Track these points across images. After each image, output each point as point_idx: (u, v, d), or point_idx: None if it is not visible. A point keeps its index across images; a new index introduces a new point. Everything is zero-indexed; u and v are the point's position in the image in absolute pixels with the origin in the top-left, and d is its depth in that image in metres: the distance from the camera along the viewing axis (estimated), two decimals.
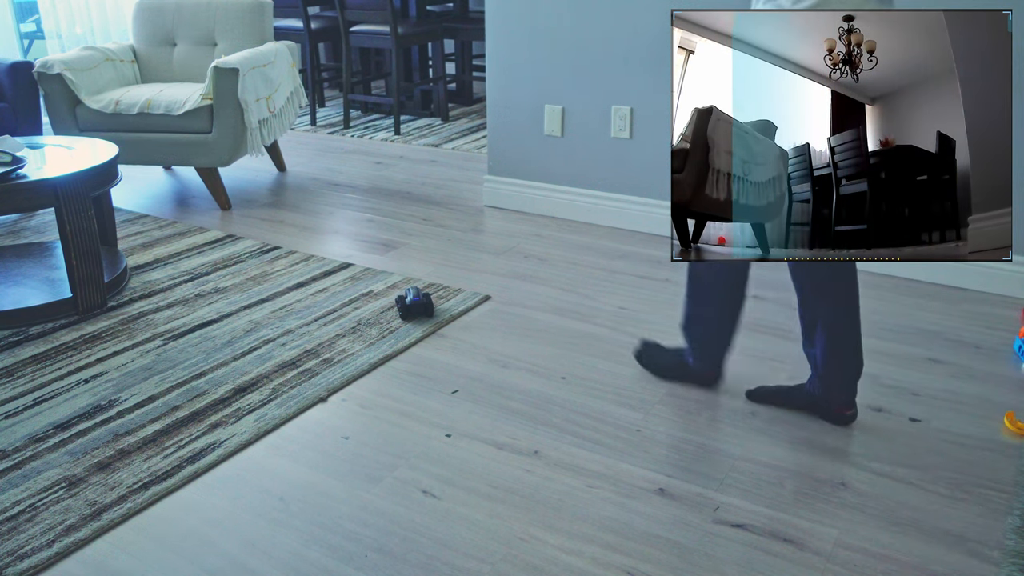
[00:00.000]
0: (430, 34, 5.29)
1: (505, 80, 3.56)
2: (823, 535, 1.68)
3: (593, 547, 1.65)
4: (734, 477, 1.86)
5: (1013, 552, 1.61)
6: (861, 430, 2.02)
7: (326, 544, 1.67)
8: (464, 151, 4.74)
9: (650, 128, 3.28)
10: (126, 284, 2.91)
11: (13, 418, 2.11)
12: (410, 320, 2.61)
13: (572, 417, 2.10)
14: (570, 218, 3.55)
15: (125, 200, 3.83)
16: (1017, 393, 2.18)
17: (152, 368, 2.35)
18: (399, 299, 2.66)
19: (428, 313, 2.63)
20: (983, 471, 1.86)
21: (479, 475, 1.88)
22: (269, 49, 3.93)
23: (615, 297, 2.78)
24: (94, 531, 1.71)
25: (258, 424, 2.07)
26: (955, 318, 2.59)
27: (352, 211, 3.71)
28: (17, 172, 2.58)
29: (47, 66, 3.60)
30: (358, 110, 5.76)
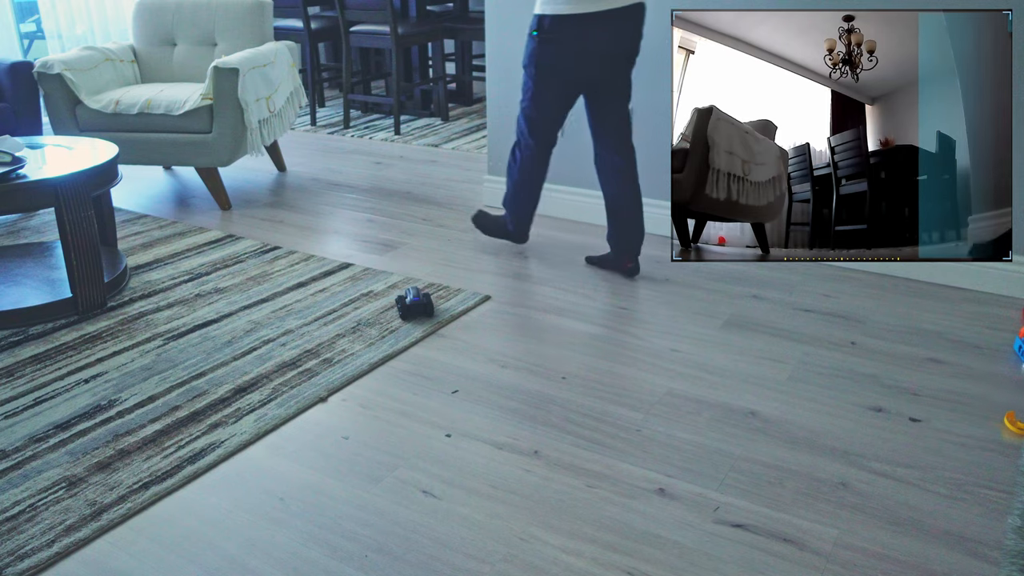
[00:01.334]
0: (430, 34, 5.29)
1: (505, 80, 3.56)
2: (823, 535, 1.68)
3: (593, 547, 1.65)
4: (734, 477, 1.86)
5: (1013, 552, 1.61)
6: (861, 430, 2.02)
7: (326, 544, 1.67)
8: (464, 151, 4.74)
9: (650, 128, 3.28)
10: (126, 284, 2.91)
11: (13, 418, 2.11)
12: (410, 320, 2.60)
13: (572, 417, 2.10)
14: (570, 218, 3.55)
15: (125, 200, 3.83)
16: (1017, 393, 2.18)
17: (152, 368, 2.35)
18: (399, 299, 2.66)
19: (428, 313, 2.62)
20: (983, 471, 1.87)
21: (479, 475, 1.88)
22: (269, 49, 3.93)
23: (615, 297, 2.78)
24: (94, 531, 1.71)
25: (258, 424, 2.07)
26: (955, 318, 2.59)
27: (352, 211, 3.71)
28: (17, 172, 2.58)
29: (47, 66, 3.60)
30: (358, 110, 5.76)
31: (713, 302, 2.72)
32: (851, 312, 2.63)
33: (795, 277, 2.89)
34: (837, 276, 2.90)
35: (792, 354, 2.38)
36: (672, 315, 2.64)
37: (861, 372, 2.28)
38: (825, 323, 2.56)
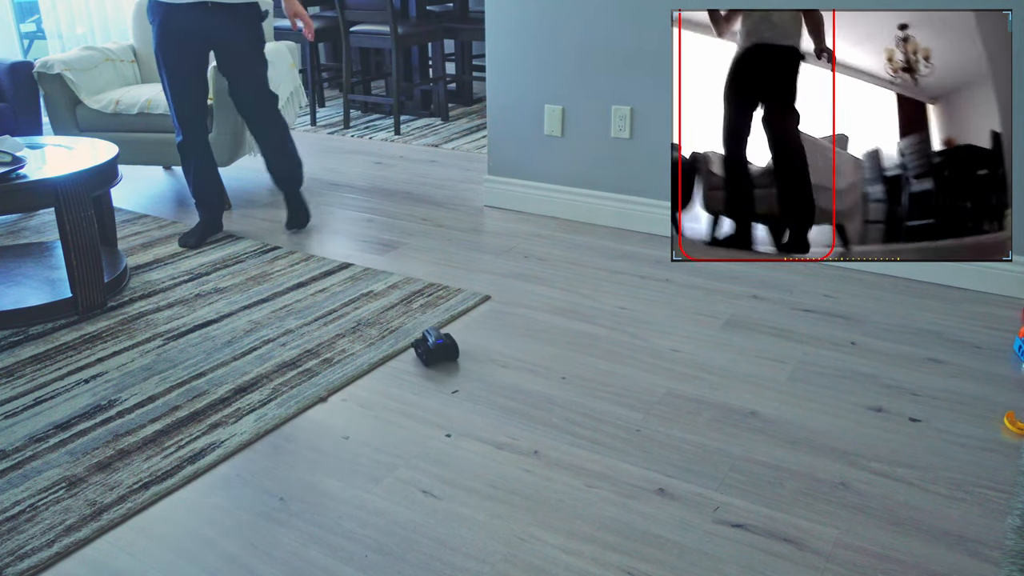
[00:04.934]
0: (430, 34, 5.29)
1: (505, 80, 3.56)
2: (823, 535, 1.68)
3: (593, 547, 1.65)
4: (734, 477, 1.86)
5: (1013, 552, 1.61)
6: (861, 430, 2.02)
7: (326, 544, 1.67)
8: (464, 151, 4.74)
9: (650, 128, 3.28)
10: (126, 284, 2.91)
11: (13, 418, 2.12)
12: (434, 365, 2.34)
13: (572, 417, 2.10)
14: (570, 218, 3.55)
15: (125, 200, 3.83)
16: (1017, 393, 2.18)
17: (152, 368, 2.35)
18: (418, 344, 2.38)
19: (453, 355, 2.36)
20: (983, 471, 1.87)
21: (479, 475, 1.88)
22: (269, 49, 3.92)
23: (615, 297, 2.79)
24: (94, 531, 1.71)
25: (258, 424, 2.07)
26: (955, 318, 2.59)
27: (352, 211, 3.72)
28: (17, 172, 2.58)
29: (47, 66, 3.60)
30: (358, 110, 5.76)
31: (713, 302, 2.72)
32: (851, 312, 2.64)
33: (795, 277, 2.89)
34: (837, 276, 2.90)
35: (792, 354, 2.38)
36: (672, 315, 2.64)
37: (861, 372, 2.28)
38: (825, 323, 2.56)
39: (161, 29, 3.00)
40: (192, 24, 2.98)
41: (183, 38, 3.01)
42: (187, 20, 2.97)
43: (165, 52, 3.03)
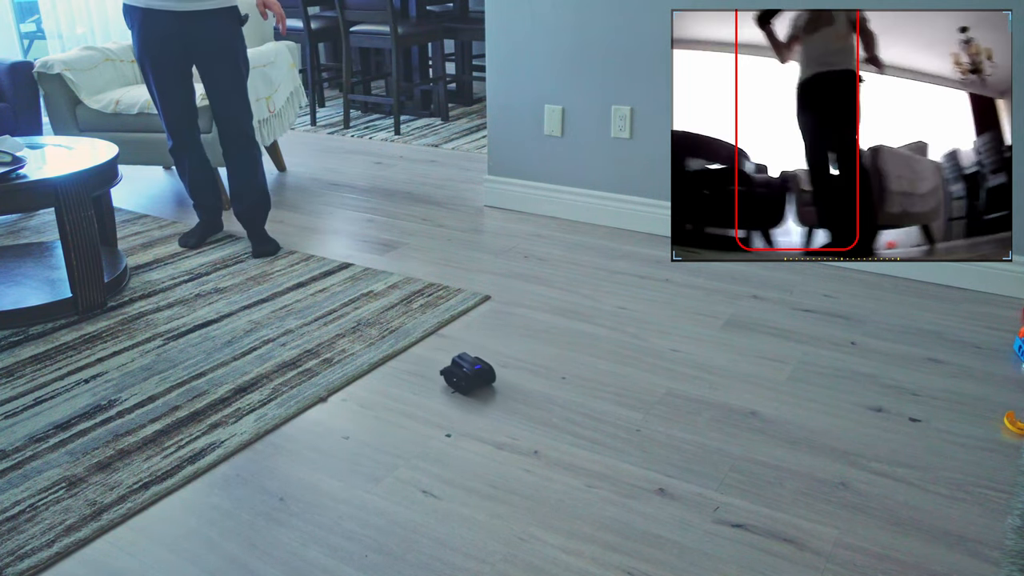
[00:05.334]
0: (430, 34, 5.29)
1: (505, 80, 3.57)
2: (823, 535, 1.68)
3: (593, 547, 1.65)
4: (734, 477, 1.86)
5: (1013, 552, 1.61)
6: (861, 430, 2.02)
7: (326, 544, 1.67)
8: (464, 151, 4.74)
9: (650, 128, 3.28)
10: (126, 284, 2.91)
11: (13, 418, 2.12)
12: (471, 393, 2.20)
13: (572, 417, 2.10)
14: (570, 218, 3.55)
15: (125, 200, 3.83)
16: (1017, 393, 2.18)
17: (152, 368, 2.35)
18: (449, 372, 2.21)
19: (491, 379, 2.22)
20: (983, 471, 1.87)
21: (479, 475, 1.88)
22: (269, 49, 3.93)
23: (615, 297, 2.79)
24: (94, 531, 1.71)
25: (258, 424, 2.07)
26: (955, 318, 2.59)
27: (352, 211, 3.72)
28: (17, 172, 2.58)
29: (47, 66, 3.60)
30: (358, 110, 5.76)
31: (713, 302, 2.72)
32: (851, 312, 2.64)
33: (795, 277, 2.89)
34: (837, 276, 2.90)
35: (792, 354, 2.38)
36: (672, 315, 2.64)
37: (861, 372, 2.28)
38: (825, 323, 2.56)
39: (141, 36, 2.95)
40: (170, 29, 2.91)
41: (163, 44, 2.96)
42: (164, 25, 2.91)
43: (147, 59, 2.98)
